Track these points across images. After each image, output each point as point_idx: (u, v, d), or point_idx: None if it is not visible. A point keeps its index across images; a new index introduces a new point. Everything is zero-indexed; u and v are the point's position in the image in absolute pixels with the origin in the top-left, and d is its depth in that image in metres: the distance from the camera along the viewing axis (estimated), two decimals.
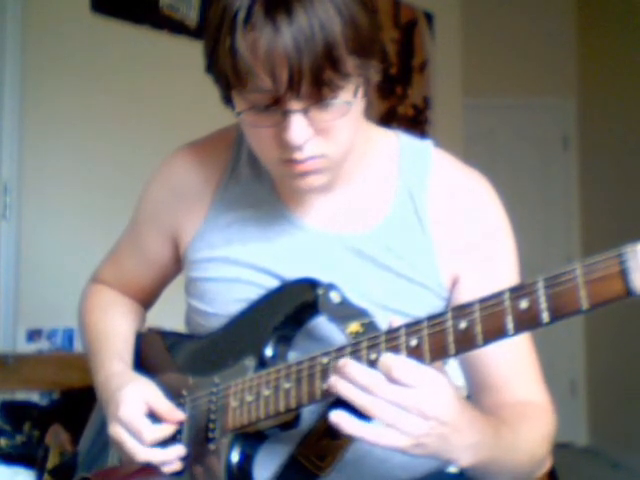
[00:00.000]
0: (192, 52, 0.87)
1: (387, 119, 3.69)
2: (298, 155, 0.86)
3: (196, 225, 1.05)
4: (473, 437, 0.79)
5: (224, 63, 0.82)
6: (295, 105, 0.82)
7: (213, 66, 0.85)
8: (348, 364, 0.78)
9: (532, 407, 0.96)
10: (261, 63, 0.79)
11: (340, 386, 0.77)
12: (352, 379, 0.77)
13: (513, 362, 0.97)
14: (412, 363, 0.75)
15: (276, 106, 0.83)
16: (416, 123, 3.89)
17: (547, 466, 0.96)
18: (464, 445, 0.79)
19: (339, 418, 0.77)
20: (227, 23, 0.81)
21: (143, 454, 0.92)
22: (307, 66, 0.78)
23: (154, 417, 0.95)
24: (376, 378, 0.76)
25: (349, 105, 0.84)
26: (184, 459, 0.94)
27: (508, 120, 4.76)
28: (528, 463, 0.92)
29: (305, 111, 0.83)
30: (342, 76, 0.81)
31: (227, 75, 0.83)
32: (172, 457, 0.93)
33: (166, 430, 0.94)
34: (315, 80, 0.79)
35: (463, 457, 0.80)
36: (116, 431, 0.94)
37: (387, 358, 0.76)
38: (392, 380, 0.75)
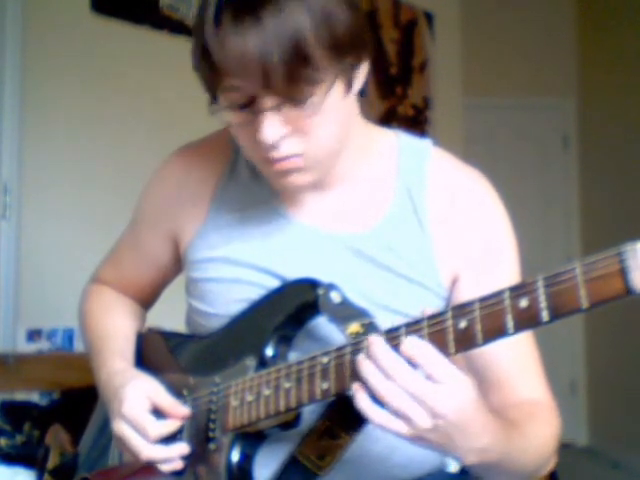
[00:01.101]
0: None
1: (387, 119, 3.69)
2: (274, 154, 0.87)
3: (196, 225, 1.05)
4: (482, 442, 0.79)
5: (200, 61, 0.84)
6: (267, 103, 0.83)
7: (196, 66, 0.87)
8: (375, 342, 0.76)
9: (538, 406, 0.96)
10: (230, 61, 0.80)
11: (361, 364, 0.76)
12: (374, 357, 0.76)
13: (515, 360, 0.97)
14: (439, 355, 0.74)
15: (250, 105, 0.84)
16: (416, 123, 3.89)
17: (552, 464, 0.96)
18: (470, 448, 0.78)
19: (358, 391, 0.76)
20: (200, 24, 0.83)
21: (147, 451, 0.92)
22: (276, 64, 0.79)
23: (158, 414, 0.95)
24: (396, 362, 0.74)
25: (321, 103, 0.84)
26: (185, 458, 0.94)
27: (508, 120, 4.76)
28: (535, 463, 0.92)
29: (277, 108, 0.83)
30: (314, 73, 0.81)
31: (204, 74, 0.85)
32: (175, 455, 0.93)
33: (170, 426, 0.94)
34: (285, 78, 0.80)
35: (468, 457, 0.80)
36: (120, 427, 0.94)
37: (414, 342, 0.75)
38: (414, 365, 0.74)
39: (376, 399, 0.75)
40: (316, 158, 0.90)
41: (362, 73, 0.91)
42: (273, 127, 0.84)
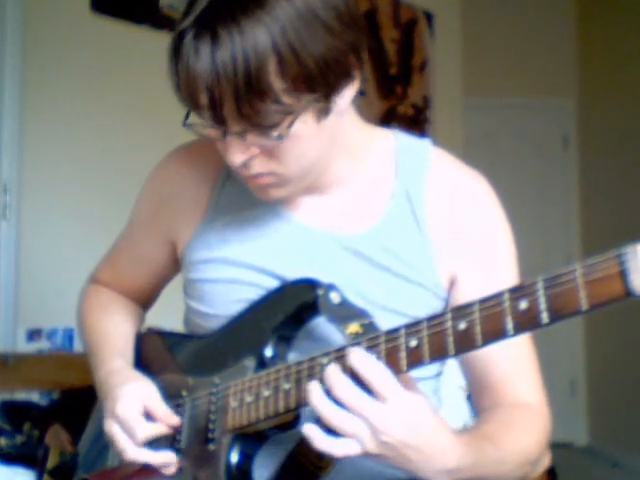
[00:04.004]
0: None
1: (387, 119, 3.69)
2: (244, 172, 0.87)
3: (193, 226, 1.04)
4: (448, 463, 0.79)
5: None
6: (233, 127, 0.82)
7: None
8: (330, 368, 0.78)
9: (526, 412, 0.96)
10: (183, 86, 0.81)
11: (311, 388, 0.78)
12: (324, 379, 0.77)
13: (512, 363, 0.97)
14: (385, 372, 0.76)
15: (216, 125, 0.83)
16: (416, 123, 3.89)
17: (544, 466, 0.96)
18: (436, 469, 0.78)
19: (309, 430, 0.78)
20: (170, 43, 0.83)
21: (132, 452, 0.93)
22: (227, 94, 0.78)
23: (149, 418, 0.95)
24: (339, 380, 0.76)
25: (281, 138, 0.82)
26: (182, 460, 0.94)
27: (508, 120, 4.76)
28: (516, 471, 0.91)
29: (241, 134, 0.82)
30: (275, 106, 0.79)
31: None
32: (160, 461, 0.93)
33: (158, 429, 0.95)
34: (237, 109, 0.78)
35: (437, 478, 0.79)
36: (110, 427, 0.95)
37: (360, 357, 0.76)
38: (361, 381, 0.75)
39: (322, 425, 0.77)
40: (288, 177, 0.89)
41: (348, 93, 0.87)
42: (237, 151, 0.84)
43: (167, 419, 0.95)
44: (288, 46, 0.77)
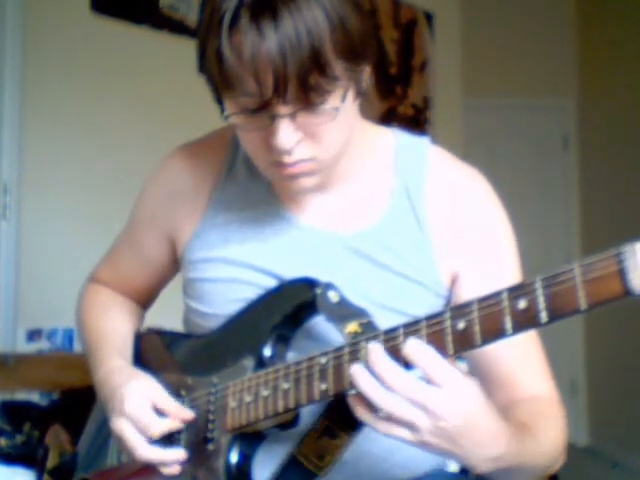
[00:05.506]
0: (192, 52, 0.87)
1: (387, 119, 3.69)
2: (287, 159, 0.86)
3: (193, 225, 1.04)
4: (495, 450, 0.78)
5: (212, 66, 0.82)
6: (282, 109, 0.82)
7: (203, 68, 0.85)
8: (373, 350, 0.76)
9: (547, 403, 0.95)
10: (246, 68, 0.79)
11: (357, 375, 0.76)
12: (372, 365, 0.75)
13: (519, 357, 0.97)
14: (440, 358, 0.74)
15: (264, 110, 0.82)
16: (416, 123, 3.89)
17: (561, 461, 0.95)
18: (483, 457, 0.77)
19: (357, 402, 0.76)
20: (214, 26, 0.80)
21: (144, 450, 0.92)
22: (293, 71, 0.78)
23: (160, 414, 0.95)
24: (392, 369, 0.74)
25: (337, 111, 0.84)
26: (183, 460, 0.94)
27: (508, 120, 4.76)
28: (547, 462, 0.91)
29: (292, 116, 0.82)
30: (330, 80, 0.81)
31: (215, 78, 0.83)
32: (171, 459, 0.93)
33: (172, 424, 0.94)
34: (301, 85, 0.79)
35: (482, 466, 0.78)
36: (120, 426, 0.93)
37: (415, 345, 0.74)
38: (412, 367, 0.74)
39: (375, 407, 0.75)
40: (325, 162, 0.90)
41: (367, 75, 0.90)
42: (289, 133, 0.83)
43: (180, 414, 0.95)
44: (338, 19, 0.80)
